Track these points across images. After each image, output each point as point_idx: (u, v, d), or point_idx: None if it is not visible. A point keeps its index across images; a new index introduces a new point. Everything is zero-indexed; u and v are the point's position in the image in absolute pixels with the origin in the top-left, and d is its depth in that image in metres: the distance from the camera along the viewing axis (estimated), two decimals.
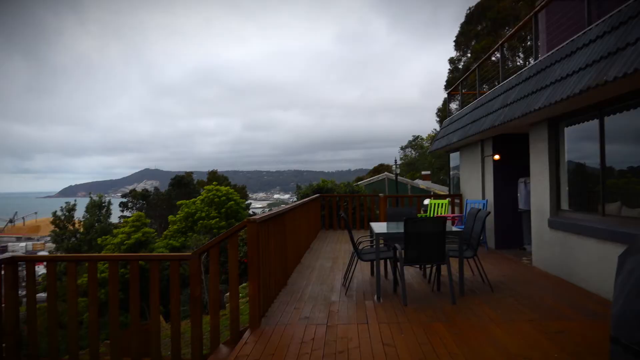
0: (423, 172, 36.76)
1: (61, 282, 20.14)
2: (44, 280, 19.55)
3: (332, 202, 14.73)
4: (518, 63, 25.53)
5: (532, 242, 8.39)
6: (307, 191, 16.85)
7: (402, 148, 60.37)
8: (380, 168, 51.93)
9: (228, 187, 29.62)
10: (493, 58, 12.84)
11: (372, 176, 36.64)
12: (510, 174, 10.17)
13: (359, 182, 26.09)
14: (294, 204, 9.06)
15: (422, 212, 12.86)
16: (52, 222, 34.29)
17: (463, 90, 13.87)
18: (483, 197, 10.99)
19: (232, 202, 27.52)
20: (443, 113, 35.84)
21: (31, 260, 5.34)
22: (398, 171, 26.04)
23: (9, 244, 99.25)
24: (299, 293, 6.55)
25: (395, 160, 27.36)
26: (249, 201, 37.61)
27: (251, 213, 32.78)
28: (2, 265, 5.06)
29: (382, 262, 7.85)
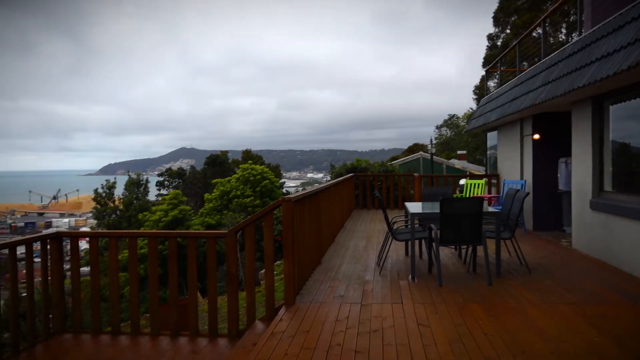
0: (459, 152, 36.20)
1: (102, 257, 20.83)
2: (86, 255, 20.27)
3: (366, 182, 14.67)
4: (560, 39, 24.63)
5: (572, 224, 8.18)
6: (341, 170, 16.83)
7: (437, 127, 59.49)
8: (415, 147, 51.35)
9: (263, 166, 29.86)
10: (534, 34, 12.40)
11: (406, 156, 36.30)
12: (550, 153, 9.89)
13: (393, 162, 25.89)
14: (328, 183, 9.06)
15: (457, 192, 12.68)
16: (94, 199, 35.36)
17: (502, 68, 13.48)
18: (521, 178, 10.74)
19: (267, 181, 27.74)
20: (480, 91, 35.02)
21: (75, 236, 5.52)
22: (434, 151, 25.67)
23: (53, 219, 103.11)
24: (333, 272, 6.59)
25: (431, 140, 26.98)
26: (282, 180, 37.86)
27: (285, 192, 33.02)
28: (48, 241, 5.25)
29: (416, 242, 7.80)
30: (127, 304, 5.71)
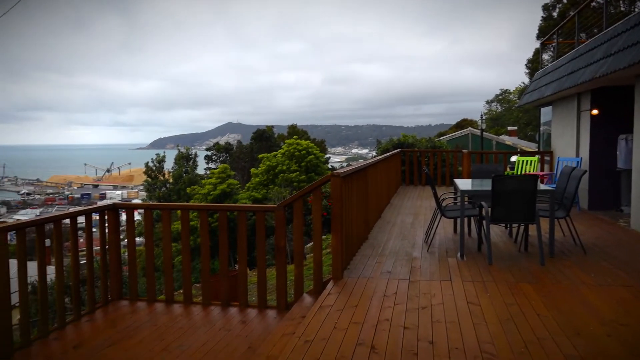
0: (509, 128, 35.11)
1: (154, 229, 21.60)
2: (138, 226, 21.02)
3: (413, 158, 14.47)
4: (622, 9, 23.25)
5: (631, 204, 7.83)
6: (388, 146, 16.67)
7: (487, 102, 57.79)
8: (463, 123, 50.16)
9: (308, 142, 29.94)
10: (593, 4, 11.73)
11: (454, 132, 35.50)
12: (609, 130, 9.44)
13: (440, 138, 25.42)
14: (375, 158, 8.99)
15: (508, 169, 12.34)
16: (145, 173, 36.53)
17: (558, 40, 12.88)
18: (577, 155, 10.33)
19: (312, 156, 27.84)
20: (534, 65, 33.66)
21: (130, 207, 5.72)
22: (484, 126, 24.96)
23: (107, 191, 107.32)
24: (380, 247, 6.58)
25: (482, 115, 26.26)
26: (327, 155, 37.90)
27: (330, 167, 33.05)
28: (106, 212, 5.46)
29: (465, 219, 7.67)
30: (178, 274, 5.91)
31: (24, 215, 73.40)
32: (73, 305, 5.06)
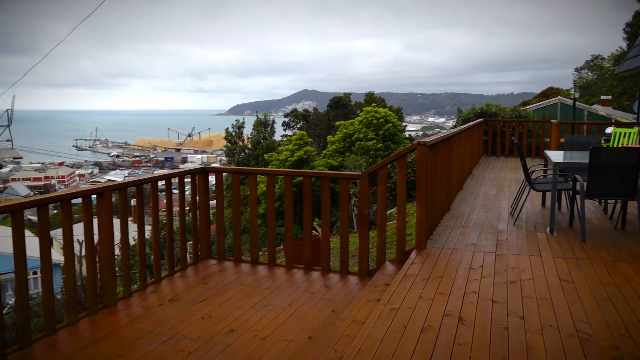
0: (602, 97, 32.74)
1: (229, 193, 22.38)
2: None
3: (497, 128, 13.91)
4: None
5: None
6: (469, 115, 16.11)
7: (576, 70, 54.07)
8: (549, 92, 47.39)
9: (386, 110, 29.53)
10: None
11: (539, 101, 33.62)
12: None
13: (526, 107, 24.20)
14: (459, 128, 8.73)
15: (603, 141, 11.56)
16: (225, 138, 37.69)
17: None
18: None
19: (390, 125, 27.47)
20: (633, 29, 31.00)
21: (219, 171, 5.93)
22: (577, 95, 23.38)
23: (188, 156, 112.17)
24: (464, 219, 6.44)
25: (574, 83, 24.66)
26: (404, 124, 37.27)
27: (407, 136, 32.52)
28: (197, 175, 5.71)
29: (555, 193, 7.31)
30: (264, 236, 6.10)
31: (115, 176, 78.51)
32: (167, 261, 5.38)
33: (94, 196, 4.36)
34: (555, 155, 6.62)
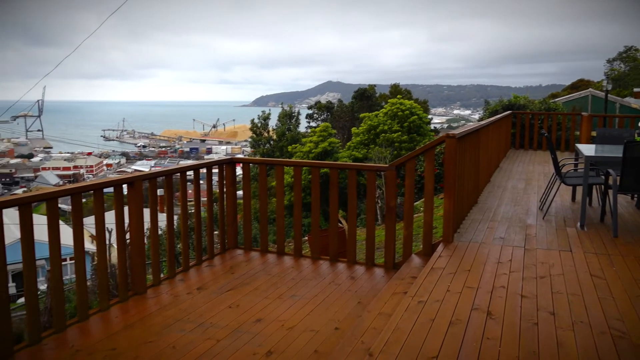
0: (635, 89, 31.86)
1: (256, 183, 22.51)
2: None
3: (525, 120, 13.66)
4: None
5: None
6: (497, 107, 15.86)
7: (608, 61, 52.67)
8: (580, 84, 46.30)
9: (411, 102, 29.29)
10: None
11: (568, 93, 32.89)
12: None
13: (555, 99, 23.68)
14: (487, 120, 8.62)
15: (636, 135, 11.27)
16: (251, 129, 37.92)
17: None
18: None
19: (415, 117, 27.25)
20: None
21: (246, 162, 5.97)
22: (609, 87, 22.75)
23: (213, 146, 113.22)
24: (491, 212, 6.36)
25: (606, 75, 24.04)
26: (430, 116, 36.92)
27: (433, 128, 32.22)
28: (224, 166, 5.76)
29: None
30: (290, 227, 6.14)
31: (141, 166, 79.82)
32: (195, 250, 5.45)
33: (124, 186, 4.44)
34: (587, 149, 6.47)
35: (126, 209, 4.46)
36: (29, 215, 3.54)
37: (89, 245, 17.53)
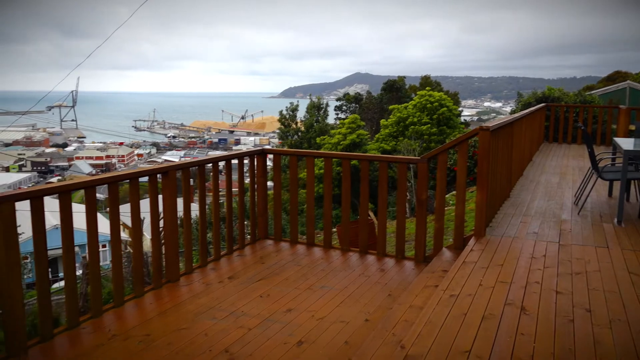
0: None
1: (285, 174, 22.60)
2: (271, 171, 22.08)
3: (559, 113, 13.34)
4: None
5: None
6: (530, 99, 15.54)
7: None
8: (617, 76, 44.89)
9: (441, 93, 28.91)
10: None
11: (604, 85, 31.95)
12: None
13: (591, 92, 23.05)
14: (521, 113, 8.45)
15: None
16: (279, 120, 38.01)
17: None
18: None
19: (445, 109, 26.90)
20: None
21: (277, 153, 6.00)
22: None
23: (242, 137, 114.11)
24: (524, 207, 6.25)
25: None
26: (460, 108, 36.40)
27: (463, 121, 31.77)
28: (255, 157, 5.80)
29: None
30: (321, 218, 6.11)
31: (171, 157, 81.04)
32: (227, 241, 5.52)
33: (159, 175, 4.52)
34: (626, 143, 6.29)
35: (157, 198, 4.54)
36: (68, 202, 3.63)
37: (122, 234, 17.92)
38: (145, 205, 4.43)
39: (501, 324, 3.15)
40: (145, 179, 4.47)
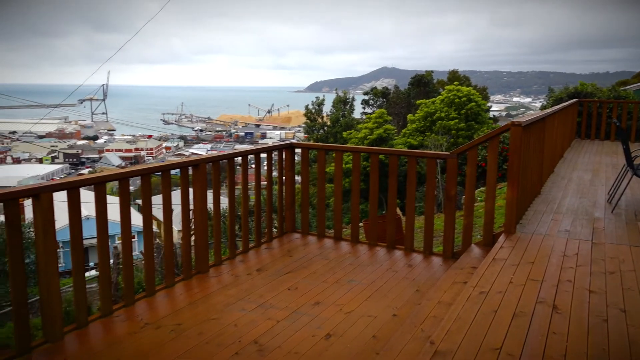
0: None
1: (312, 168, 22.65)
2: (298, 165, 22.19)
3: (592, 109, 13.03)
4: None
5: None
6: (562, 95, 15.21)
7: None
8: None
9: (469, 88, 28.50)
10: None
11: (639, 80, 31.04)
12: None
13: (625, 87, 22.43)
14: (553, 108, 8.29)
15: None
16: (305, 115, 38.09)
17: None
18: None
19: (473, 104, 26.52)
20: None
21: (305, 147, 6.02)
22: None
23: (267, 131, 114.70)
24: (555, 204, 6.14)
25: None
26: (489, 104, 35.84)
27: (491, 116, 31.29)
28: (283, 151, 5.83)
29: None
30: (332, 213, 6.15)
31: (198, 150, 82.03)
32: (255, 233, 5.57)
33: (190, 168, 4.58)
34: None
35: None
36: (103, 193, 3.72)
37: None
38: (175, 197, 4.51)
39: (532, 322, 3.11)
40: (177, 171, 4.54)
